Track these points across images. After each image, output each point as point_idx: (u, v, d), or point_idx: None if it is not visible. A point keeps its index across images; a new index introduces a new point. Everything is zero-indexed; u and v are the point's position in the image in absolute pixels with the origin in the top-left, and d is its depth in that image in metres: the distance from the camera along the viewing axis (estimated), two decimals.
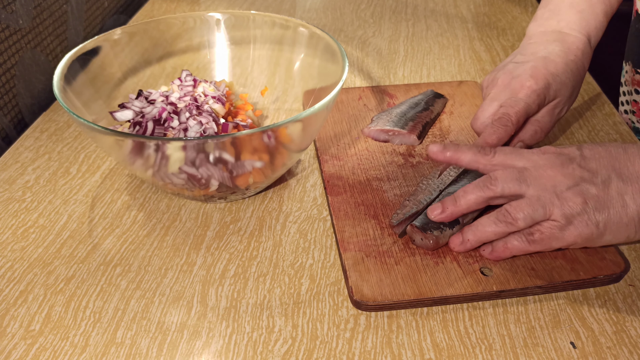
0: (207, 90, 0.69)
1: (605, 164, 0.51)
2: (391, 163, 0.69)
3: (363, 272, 0.54)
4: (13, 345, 0.50)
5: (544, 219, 0.51)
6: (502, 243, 0.54)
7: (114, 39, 0.71)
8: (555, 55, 0.66)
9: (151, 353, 0.49)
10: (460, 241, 0.56)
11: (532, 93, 0.63)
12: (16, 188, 0.67)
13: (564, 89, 0.66)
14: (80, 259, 0.58)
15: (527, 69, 0.65)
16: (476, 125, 0.67)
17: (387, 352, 0.49)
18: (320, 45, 0.70)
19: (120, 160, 0.59)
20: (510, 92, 0.65)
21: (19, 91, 0.82)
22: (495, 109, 0.65)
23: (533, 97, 0.63)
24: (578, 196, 0.50)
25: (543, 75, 0.64)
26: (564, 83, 0.65)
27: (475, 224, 0.55)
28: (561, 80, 0.65)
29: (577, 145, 0.54)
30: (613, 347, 0.49)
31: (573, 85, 0.67)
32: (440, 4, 1.17)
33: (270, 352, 0.49)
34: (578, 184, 0.50)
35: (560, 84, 0.65)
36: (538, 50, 0.68)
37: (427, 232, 0.56)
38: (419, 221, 0.57)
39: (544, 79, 0.64)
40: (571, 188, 0.50)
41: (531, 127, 0.66)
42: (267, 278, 0.56)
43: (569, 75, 0.66)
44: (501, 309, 0.53)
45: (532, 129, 0.66)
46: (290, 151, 0.62)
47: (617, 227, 0.50)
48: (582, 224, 0.50)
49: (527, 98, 0.63)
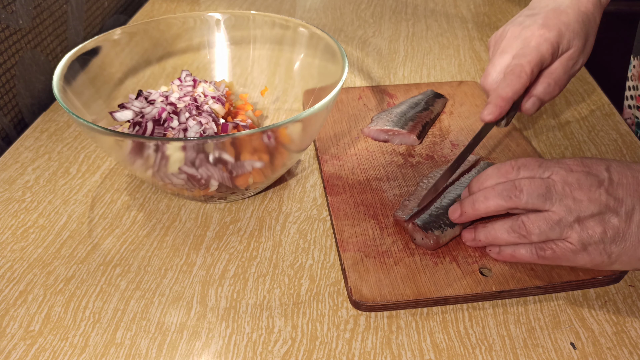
0: (206, 91, 0.69)
1: (632, 191, 0.50)
2: (391, 163, 0.69)
3: (362, 273, 0.54)
4: (12, 345, 0.50)
5: (558, 239, 0.50)
6: (510, 250, 0.53)
7: (114, 39, 0.71)
8: (566, 6, 0.64)
9: (151, 353, 0.49)
10: (472, 238, 0.56)
11: (544, 41, 0.61)
12: (16, 188, 0.67)
13: (577, 39, 0.63)
14: (80, 259, 0.58)
15: (538, 19, 0.63)
16: (487, 82, 0.63)
17: (386, 352, 0.49)
18: (320, 45, 0.70)
19: (120, 160, 0.59)
20: (522, 42, 0.62)
21: (19, 91, 0.82)
22: (507, 61, 0.62)
23: (546, 46, 0.61)
24: (599, 225, 0.49)
25: (555, 24, 0.62)
26: (576, 33, 0.63)
27: (489, 226, 0.54)
28: (574, 29, 0.63)
29: (606, 163, 0.51)
30: (613, 348, 0.49)
31: (586, 37, 0.64)
32: (440, 4, 1.17)
33: (270, 352, 0.49)
34: (602, 212, 0.49)
35: (573, 33, 0.62)
36: (548, 3, 0.65)
37: (429, 232, 0.56)
38: (420, 220, 0.57)
39: (557, 28, 0.62)
40: (595, 216, 0.49)
41: (545, 80, 0.63)
42: (267, 278, 0.56)
43: (582, 26, 0.63)
44: (501, 310, 0.53)
45: (546, 82, 0.63)
46: (290, 151, 0.62)
47: (629, 259, 0.50)
48: (596, 252, 0.49)
49: (539, 47, 0.60)
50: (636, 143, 0.74)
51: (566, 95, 0.84)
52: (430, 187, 0.60)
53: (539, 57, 0.60)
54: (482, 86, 0.65)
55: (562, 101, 0.83)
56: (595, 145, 0.73)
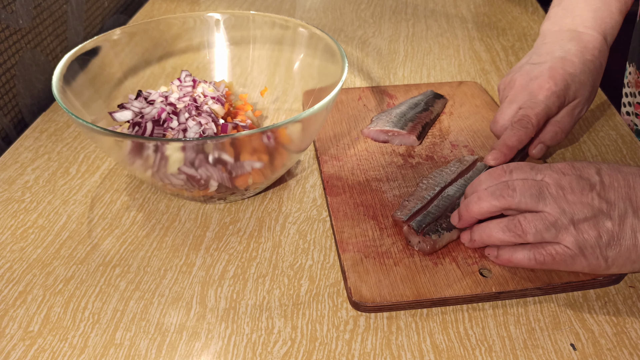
0: (206, 91, 0.69)
1: (623, 195, 0.50)
2: (390, 164, 0.69)
3: (362, 273, 0.54)
4: (12, 346, 0.50)
5: (554, 241, 0.50)
6: (507, 255, 0.53)
7: (114, 39, 0.71)
8: (572, 55, 0.66)
9: (150, 354, 0.49)
10: (469, 239, 0.56)
11: (551, 95, 0.63)
12: (15, 188, 0.67)
13: (583, 89, 0.65)
14: (80, 260, 0.58)
15: (545, 70, 0.65)
16: (496, 129, 0.66)
17: (386, 353, 0.49)
18: (320, 46, 0.70)
19: (120, 160, 0.59)
20: (529, 93, 0.64)
21: (19, 91, 0.82)
22: (514, 111, 0.64)
23: (553, 99, 0.63)
24: (594, 229, 0.49)
25: (562, 76, 0.64)
26: (582, 83, 0.65)
27: (483, 226, 0.54)
28: (580, 80, 0.65)
29: (596, 167, 0.52)
30: (613, 349, 0.49)
31: (592, 85, 0.66)
32: (440, 4, 1.17)
33: (270, 353, 0.49)
34: (596, 215, 0.49)
35: (579, 84, 0.65)
36: (554, 49, 0.67)
37: (426, 236, 0.55)
38: (416, 223, 0.57)
39: (563, 80, 0.64)
40: (589, 219, 0.49)
41: (552, 129, 0.65)
42: (267, 279, 0.56)
43: (587, 75, 0.66)
44: (501, 311, 0.53)
45: (553, 130, 0.65)
46: (289, 152, 0.62)
47: (625, 262, 0.50)
48: (593, 257, 0.50)
49: (546, 100, 0.63)
50: (636, 143, 0.74)
51: None
52: None
53: (546, 110, 0.63)
54: (492, 131, 0.68)
55: None
56: (595, 146, 0.73)
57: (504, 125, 0.65)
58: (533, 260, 0.52)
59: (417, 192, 0.61)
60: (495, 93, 0.85)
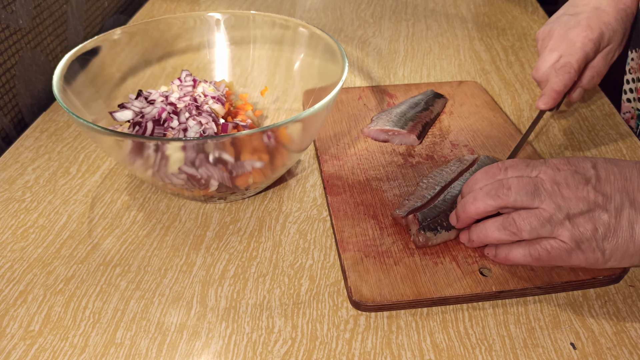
0: (206, 91, 0.69)
1: (620, 187, 0.50)
2: (391, 163, 0.69)
3: (362, 273, 0.54)
4: (12, 345, 0.50)
5: (550, 236, 0.50)
6: (504, 253, 0.53)
7: (114, 39, 0.71)
8: (606, 5, 0.73)
9: (150, 353, 0.49)
10: (468, 239, 0.56)
11: (588, 42, 0.70)
12: (16, 188, 0.67)
13: (616, 35, 0.72)
14: (80, 259, 0.58)
15: (582, 19, 0.71)
16: (538, 75, 0.72)
17: (386, 352, 0.49)
18: (320, 45, 0.70)
19: (120, 160, 0.59)
20: (568, 42, 0.70)
21: (19, 91, 0.82)
22: (556, 58, 0.70)
23: (590, 46, 0.70)
24: (590, 222, 0.49)
25: (597, 25, 0.70)
26: (615, 30, 0.72)
27: (480, 226, 0.54)
28: (613, 28, 0.71)
29: (592, 161, 0.52)
30: (613, 348, 0.49)
31: (624, 32, 0.73)
32: (440, 4, 1.17)
33: (270, 352, 0.49)
34: (592, 209, 0.50)
35: (613, 31, 0.71)
36: (588, 1, 0.74)
37: (421, 232, 0.56)
38: (421, 215, 0.57)
39: (599, 29, 0.70)
40: (584, 213, 0.49)
41: (589, 73, 0.72)
42: (267, 278, 0.56)
43: (620, 23, 0.72)
44: (501, 310, 0.53)
45: (590, 74, 0.72)
46: (290, 151, 0.62)
47: (623, 255, 0.50)
48: (590, 250, 0.50)
49: (584, 47, 0.69)
50: (636, 143, 0.74)
51: None
52: None
53: (584, 56, 0.70)
54: (534, 77, 0.73)
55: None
56: (595, 146, 0.73)
57: (545, 72, 0.71)
58: (529, 256, 0.52)
59: (417, 191, 0.61)
60: (495, 93, 0.85)
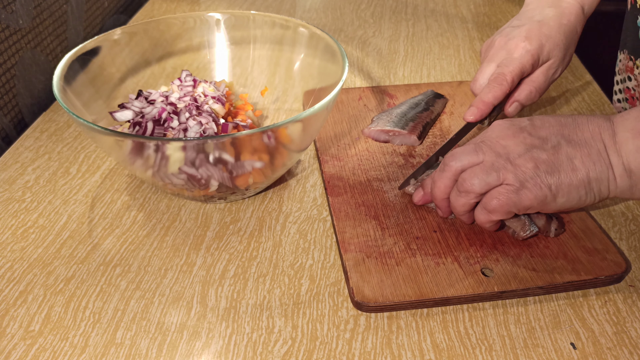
0: (207, 91, 0.69)
1: (555, 131, 0.54)
2: (392, 163, 0.69)
3: (364, 273, 0.54)
4: (12, 345, 0.50)
5: (498, 184, 0.53)
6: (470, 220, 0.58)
7: (114, 39, 0.71)
8: (549, 19, 0.70)
9: (151, 354, 0.49)
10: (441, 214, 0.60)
11: (526, 53, 0.67)
12: (16, 188, 0.67)
13: (557, 50, 0.69)
14: (80, 259, 0.58)
15: (522, 31, 0.69)
16: (475, 88, 0.70)
17: (387, 352, 0.49)
18: (320, 46, 0.70)
19: (120, 160, 0.59)
20: (506, 52, 0.68)
21: (19, 91, 0.82)
22: (492, 69, 0.68)
23: (527, 57, 0.67)
24: (530, 161, 0.52)
25: (537, 37, 0.68)
26: (557, 44, 0.69)
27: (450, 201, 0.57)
28: (554, 41, 0.68)
29: (528, 118, 0.56)
30: (613, 348, 0.49)
31: (566, 48, 0.70)
32: (440, 4, 1.17)
33: (270, 352, 0.49)
34: (529, 150, 0.53)
35: (554, 45, 0.68)
36: (534, 14, 0.71)
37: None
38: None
39: (538, 40, 0.67)
40: (522, 155, 0.52)
41: (526, 87, 0.69)
42: (267, 278, 0.56)
43: (562, 38, 0.69)
44: (501, 310, 0.53)
45: (528, 89, 0.69)
46: (290, 151, 0.62)
47: (569, 189, 0.52)
48: (536, 187, 0.52)
49: (521, 58, 0.67)
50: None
51: (567, 95, 0.84)
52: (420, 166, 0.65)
53: (520, 67, 0.66)
54: (471, 90, 0.71)
55: (563, 101, 0.83)
56: None
57: (482, 83, 0.69)
58: (486, 213, 0.54)
59: None
60: None
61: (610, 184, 0.52)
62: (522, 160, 0.52)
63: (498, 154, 0.53)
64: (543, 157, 0.52)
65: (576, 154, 0.52)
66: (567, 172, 0.52)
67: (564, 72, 0.90)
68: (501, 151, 0.53)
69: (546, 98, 0.83)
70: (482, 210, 0.55)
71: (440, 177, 0.56)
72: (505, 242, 0.57)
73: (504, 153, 0.53)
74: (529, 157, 0.52)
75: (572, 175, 0.52)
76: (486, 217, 0.55)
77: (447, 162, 0.56)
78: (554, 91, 0.85)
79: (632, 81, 0.84)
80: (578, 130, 0.53)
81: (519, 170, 0.52)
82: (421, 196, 0.61)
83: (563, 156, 0.52)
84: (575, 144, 0.52)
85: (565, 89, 0.86)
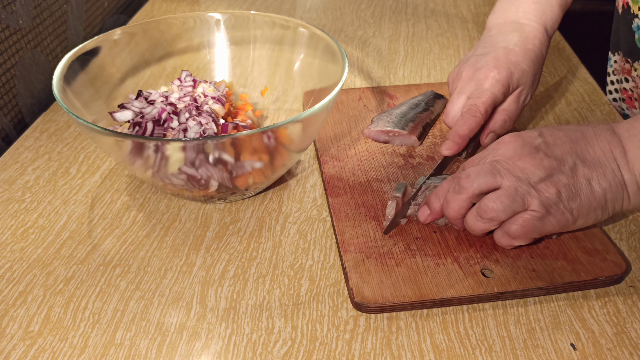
0: (206, 91, 0.69)
1: (568, 149, 0.53)
2: (391, 164, 0.69)
3: (364, 274, 0.54)
4: (12, 346, 0.50)
5: (522, 210, 0.52)
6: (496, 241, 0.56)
7: (114, 39, 0.71)
8: (514, 45, 0.69)
9: (150, 354, 0.49)
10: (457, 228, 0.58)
11: (496, 82, 0.66)
12: (16, 188, 0.67)
13: (526, 76, 0.68)
14: (80, 260, 0.58)
15: (489, 59, 0.68)
16: (448, 120, 0.69)
17: (386, 353, 0.49)
18: (320, 46, 0.70)
19: (120, 160, 0.59)
20: (476, 83, 0.67)
21: (19, 91, 0.82)
22: (464, 101, 0.67)
23: (498, 87, 0.66)
24: (552, 186, 0.51)
25: (505, 65, 0.67)
26: (524, 71, 0.68)
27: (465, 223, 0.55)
28: (522, 68, 0.68)
29: (537, 131, 0.55)
30: (613, 349, 0.49)
31: (534, 73, 0.70)
32: (440, 4, 1.17)
33: (270, 353, 0.49)
34: (550, 174, 0.52)
35: (522, 71, 0.68)
36: (498, 41, 0.70)
37: None
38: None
39: (506, 68, 0.67)
40: (544, 180, 0.52)
41: (500, 117, 0.68)
42: (267, 279, 0.56)
43: (529, 63, 0.69)
44: (501, 311, 0.53)
45: (502, 118, 0.68)
46: (290, 152, 0.62)
47: (588, 212, 0.52)
48: (559, 213, 0.52)
49: (492, 87, 0.66)
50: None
51: (566, 95, 0.84)
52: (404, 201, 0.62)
53: (492, 98, 0.66)
54: (445, 122, 0.70)
55: (563, 102, 0.83)
56: None
57: (455, 116, 0.68)
58: (508, 237, 0.54)
59: None
60: None
61: (624, 202, 0.53)
62: (544, 186, 0.51)
63: (518, 178, 0.52)
64: (564, 181, 0.51)
65: (592, 174, 0.52)
66: (587, 195, 0.52)
67: (566, 71, 0.90)
68: (521, 175, 0.52)
69: (545, 97, 0.83)
70: (504, 235, 0.54)
71: (455, 198, 0.54)
72: None
73: (524, 177, 0.52)
74: (550, 182, 0.51)
75: (591, 198, 0.52)
76: (508, 241, 0.54)
77: (462, 183, 0.53)
78: (555, 92, 0.85)
79: (629, 82, 0.84)
80: (590, 148, 0.53)
81: (543, 197, 0.51)
82: (428, 214, 0.58)
83: (581, 178, 0.52)
84: (590, 164, 0.52)
85: (565, 89, 0.86)
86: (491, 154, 0.55)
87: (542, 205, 0.51)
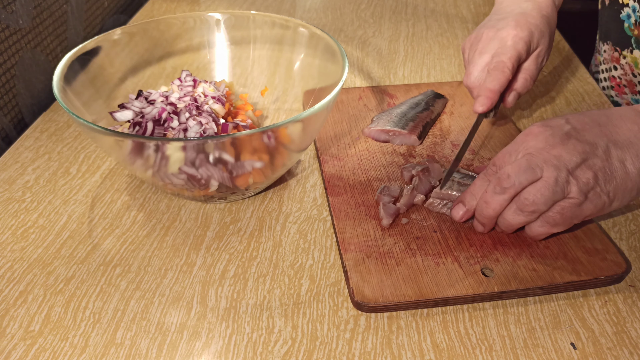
0: (207, 91, 0.69)
1: (598, 132, 0.53)
2: (392, 163, 0.69)
3: (364, 273, 0.54)
4: (12, 345, 0.50)
5: (562, 198, 0.52)
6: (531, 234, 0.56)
7: (114, 39, 0.71)
8: (530, 10, 0.71)
9: (151, 354, 0.49)
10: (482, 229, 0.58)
11: (520, 40, 0.67)
12: (16, 188, 0.67)
13: (544, 38, 0.71)
14: (80, 260, 0.58)
15: (510, 21, 0.69)
16: (470, 81, 0.69)
17: (387, 352, 0.49)
18: (320, 45, 0.70)
19: (120, 160, 0.59)
20: (499, 42, 0.68)
21: (19, 91, 0.82)
22: (487, 60, 0.68)
23: (521, 44, 0.67)
24: (589, 171, 0.52)
25: (526, 25, 0.69)
26: (543, 33, 0.70)
27: (501, 219, 0.56)
28: (541, 30, 0.70)
29: (563, 118, 0.55)
30: (613, 348, 0.49)
31: (550, 37, 0.72)
32: (440, 4, 1.17)
33: (270, 352, 0.49)
34: (585, 159, 0.52)
35: (541, 32, 0.70)
36: (513, 9, 0.73)
37: None
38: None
39: (527, 28, 0.69)
40: (580, 165, 0.52)
41: (522, 76, 0.70)
42: (267, 279, 0.56)
43: (546, 27, 0.71)
44: (501, 310, 0.53)
45: (523, 77, 0.70)
46: (290, 151, 0.62)
47: (623, 193, 0.53)
48: (596, 197, 0.52)
49: (516, 45, 0.67)
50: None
51: (566, 94, 0.84)
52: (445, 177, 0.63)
53: (517, 54, 0.67)
54: (466, 85, 0.71)
55: (562, 101, 0.83)
56: None
57: (477, 76, 0.69)
58: (547, 226, 0.54)
59: None
60: None
61: None
62: (581, 172, 0.52)
63: (556, 166, 0.52)
64: (599, 165, 0.52)
65: (626, 155, 0.52)
66: (622, 176, 0.52)
67: (566, 71, 0.90)
68: (558, 163, 0.52)
69: (545, 97, 0.83)
70: (544, 225, 0.54)
71: (496, 198, 0.54)
72: (505, 242, 0.57)
73: (561, 165, 0.52)
74: (586, 167, 0.52)
75: (626, 178, 0.52)
76: (547, 230, 0.54)
77: (503, 184, 0.53)
78: (552, 86, 0.85)
79: (617, 70, 0.86)
80: (618, 130, 0.54)
81: (581, 182, 0.51)
82: (464, 213, 0.58)
83: (615, 160, 0.52)
84: (622, 146, 0.53)
85: (565, 88, 0.86)
86: (522, 147, 0.55)
87: (581, 192, 0.51)
